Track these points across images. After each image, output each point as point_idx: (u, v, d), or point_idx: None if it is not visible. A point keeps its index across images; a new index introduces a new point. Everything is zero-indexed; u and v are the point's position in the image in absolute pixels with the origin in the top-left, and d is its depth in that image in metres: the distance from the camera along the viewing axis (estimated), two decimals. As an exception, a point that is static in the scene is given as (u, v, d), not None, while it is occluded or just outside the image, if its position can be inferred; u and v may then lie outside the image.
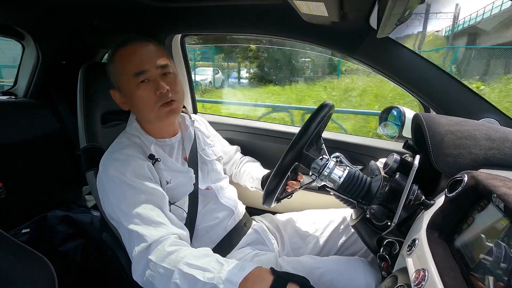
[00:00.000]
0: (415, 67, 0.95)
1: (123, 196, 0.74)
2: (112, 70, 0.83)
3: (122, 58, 0.80)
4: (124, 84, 0.81)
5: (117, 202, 0.74)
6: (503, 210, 0.44)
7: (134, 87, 0.79)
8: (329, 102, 0.83)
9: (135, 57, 0.79)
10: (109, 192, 0.76)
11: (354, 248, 0.99)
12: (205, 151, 1.01)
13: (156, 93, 0.78)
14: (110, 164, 0.78)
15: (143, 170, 0.79)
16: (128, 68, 0.79)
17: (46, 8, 1.18)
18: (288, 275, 0.62)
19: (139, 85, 0.79)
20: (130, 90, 0.80)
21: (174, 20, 1.20)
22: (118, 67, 0.81)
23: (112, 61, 0.82)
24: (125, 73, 0.80)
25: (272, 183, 0.79)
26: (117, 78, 0.83)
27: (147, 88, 0.79)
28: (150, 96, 0.79)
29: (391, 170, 0.77)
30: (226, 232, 0.96)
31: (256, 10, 1.07)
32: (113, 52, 0.82)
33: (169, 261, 0.66)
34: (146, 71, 0.78)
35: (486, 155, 0.63)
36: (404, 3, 0.60)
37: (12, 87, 1.62)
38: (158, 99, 0.79)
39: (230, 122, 1.46)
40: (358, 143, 1.25)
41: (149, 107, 0.80)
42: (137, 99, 0.80)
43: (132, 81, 0.79)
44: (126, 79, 0.80)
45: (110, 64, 0.84)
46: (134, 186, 0.75)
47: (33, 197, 1.46)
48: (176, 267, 0.64)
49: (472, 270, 0.47)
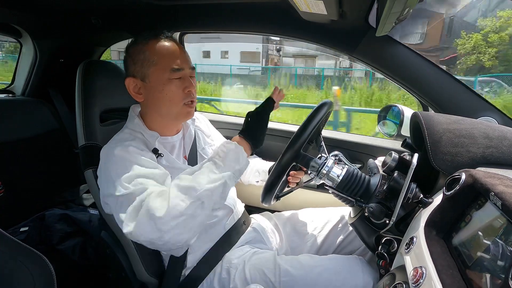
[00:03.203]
0: (414, 65, 0.95)
1: (126, 169, 0.73)
2: (140, 58, 0.82)
3: (160, 51, 0.81)
4: (155, 76, 0.81)
5: (117, 177, 0.73)
6: (501, 208, 0.44)
7: (166, 80, 0.81)
8: (328, 101, 0.83)
9: (175, 54, 0.82)
10: (111, 170, 0.75)
11: (352, 246, 0.99)
12: (205, 150, 1.01)
13: (185, 90, 0.82)
14: (113, 147, 0.77)
15: (147, 155, 0.80)
16: (164, 62, 0.81)
17: (44, 6, 1.18)
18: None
19: (172, 80, 0.81)
20: (162, 82, 0.81)
21: (173, 18, 1.19)
22: (151, 58, 0.81)
23: (143, 50, 0.82)
24: (159, 65, 0.81)
25: (271, 181, 0.79)
26: (146, 68, 0.82)
27: (178, 84, 0.82)
28: (179, 92, 0.82)
29: (389, 168, 0.77)
30: (225, 231, 0.96)
31: (255, 8, 1.07)
32: (145, 41, 0.83)
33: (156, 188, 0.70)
34: (182, 69, 0.82)
35: (484, 153, 0.64)
36: (403, 2, 0.60)
37: (10, 85, 1.62)
38: (185, 96, 0.83)
39: (230, 121, 1.47)
40: (356, 141, 1.26)
41: (175, 103, 0.83)
42: (166, 93, 0.81)
43: (165, 75, 0.81)
44: (160, 71, 0.81)
45: (137, 52, 0.83)
46: (139, 162, 0.75)
47: (32, 195, 1.46)
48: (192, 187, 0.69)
49: (470, 267, 0.47)
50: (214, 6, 1.10)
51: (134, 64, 0.83)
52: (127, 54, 0.85)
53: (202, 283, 0.88)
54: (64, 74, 1.50)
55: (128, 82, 0.85)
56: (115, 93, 1.02)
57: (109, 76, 1.03)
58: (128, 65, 0.85)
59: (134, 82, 0.84)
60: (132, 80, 0.84)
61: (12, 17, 1.28)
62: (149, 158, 0.79)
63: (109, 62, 1.11)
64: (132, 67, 0.84)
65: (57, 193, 1.58)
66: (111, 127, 1.01)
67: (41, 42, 1.43)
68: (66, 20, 1.30)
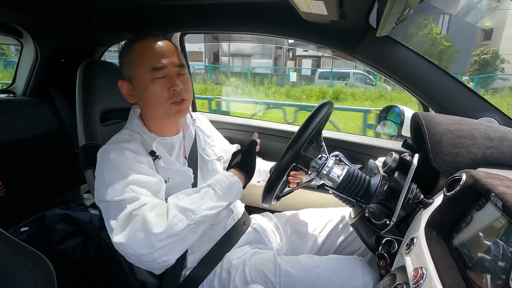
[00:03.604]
0: (415, 66, 0.95)
1: (119, 175, 0.73)
2: (127, 61, 0.83)
3: (141, 51, 0.81)
4: (139, 77, 0.81)
5: (109, 182, 0.72)
6: (501, 208, 0.44)
7: (148, 81, 0.79)
8: (328, 101, 0.83)
9: (155, 52, 0.80)
10: (105, 174, 0.74)
11: (352, 247, 0.99)
12: (205, 151, 1.01)
13: (170, 90, 0.80)
14: (110, 150, 0.77)
15: (143, 159, 0.79)
16: (146, 62, 0.79)
17: (45, 6, 1.18)
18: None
19: (154, 80, 0.79)
20: (144, 83, 0.80)
21: (173, 18, 1.19)
22: (135, 59, 0.81)
23: (128, 52, 0.82)
24: (142, 66, 0.80)
25: (271, 181, 0.79)
26: (131, 70, 0.82)
27: (162, 84, 0.80)
28: (163, 92, 0.80)
29: (390, 169, 0.77)
30: (225, 231, 0.96)
31: (255, 8, 1.07)
32: (130, 44, 0.82)
33: (154, 202, 0.71)
34: (165, 67, 0.80)
35: (485, 154, 0.64)
36: (404, 2, 0.60)
37: (10, 85, 1.62)
38: (171, 96, 0.80)
39: (230, 121, 1.46)
40: (357, 142, 1.26)
41: (160, 103, 0.81)
42: (150, 93, 0.80)
43: (148, 75, 0.79)
44: (142, 72, 0.80)
45: (125, 55, 0.83)
46: (133, 168, 0.74)
47: (32, 195, 1.46)
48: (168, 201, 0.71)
49: (470, 268, 0.47)
50: (214, 6, 1.10)
51: (122, 67, 0.85)
52: (119, 58, 0.86)
53: (202, 283, 0.88)
54: (65, 74, 1.50)
55: (120, 85, 0.86)
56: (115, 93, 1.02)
57: (110, 76, 1.03)
58: (120, 68, 0.86)
59: (125, 85, 0.85)
60: (122, 83, 0.85)
61: (13, 17, 1.29)
62: (146, 162, 0.79)
63: (110, 62, 1.11)
64: (122, 70, 0.85)
65: (57, 193, 1.58)
66: (111, 127, 1.01)
67: (42, 42, 1.43)
68: (66, 20, 1.30)
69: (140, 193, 0.71)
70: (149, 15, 1.19)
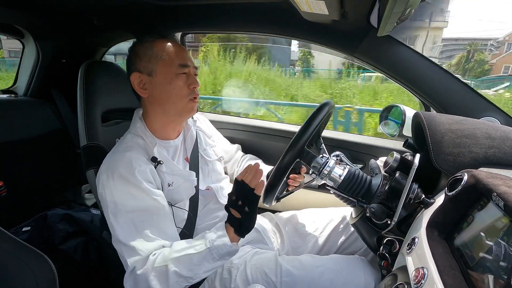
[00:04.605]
0: (416, 65, 0.95)
1: (128, 195, 0.76)
2: (147, 53, 0.84)
3: (167, 47, 0.85)
4: (163, 70, 0.84)
5: (121, 201, 0.76)
6: (503, 208, 0.44)
7: (174, 75, 0.84)
8: (330, 101, 0.83)
9: (181, 51, 0.87)
10: (113, 190, 0.76)
11: (353, 247, 0.99)
12: (206, 152, 1.01)
13: (190, 87, 0.85)
14: (115, 164, 0.78)
15: (146, 175, 0.80)
16: (173, 57, 0.84)
17: (46, 6, 1.18)
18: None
19: (179, 75, 0.84)
20: (169, 77, 0.84)
21: (174, 18, 1.20)
22: (160, 53, 0.84)
23: (150, 46, 0.85)
24: (168, 60, 0.84)
25: (272, 181, 0.79)
26: (154, 63, 0.84)
27: (184, 79, 0.85)
28: (184, 88, 0.85)
29: (391, 168, 0.77)
30: (226, 231, 0.95)
31: (256, 8, 1.07)
32: (152, 40, 0.86)
33: (158, 262, 0.73)
34: (189, 66, 0.86)
35: (486, 153, 0.63)
36: (405, 2, 0.59)
37: (12, 85, 1.62)
38: (190, 92, 0.86)
39: (231, 121, 1.46)
40: (358, 142, 1.26)
41: (181, 98, 0.85)
42: (173, 87, 0.84)
43: (173, 69, 0.84)
44: (168, 66, 0.84)
45: (145, 48, 0.85)
46: (140, 187, 0.77)
47: (34, 195, 1.47)
48: (168, 259, 0.73)
49: (472, 268, 0.47)
50: (215, 6, 1.10)
51: (140, 60, 0.85)
52: (132, 52, 0.87)
53: (203, 283, 0.88)
54: (66, 74, 1.50)
55: (133, 77, 0.85)
56: (117, 93, 1.03)
57: (111, 77, 1.03)
58: (133, 62, 0.86)
59: (139, 77, 0.85)
60: (138, 75, 0.85)
61: (14, 18, 1.29)
62: (148, 171, 0.80)
63: (111, 63, 1.12)
64: (138, 63, 0.85)
65: (59, 193, 1.58)
66: (113, 127, 1.02)
67: (43, 43, 1.43)
68: (68, 20, 1.30)
69: (141, 241, 0.75)
70: (151, 15, 1.19)
